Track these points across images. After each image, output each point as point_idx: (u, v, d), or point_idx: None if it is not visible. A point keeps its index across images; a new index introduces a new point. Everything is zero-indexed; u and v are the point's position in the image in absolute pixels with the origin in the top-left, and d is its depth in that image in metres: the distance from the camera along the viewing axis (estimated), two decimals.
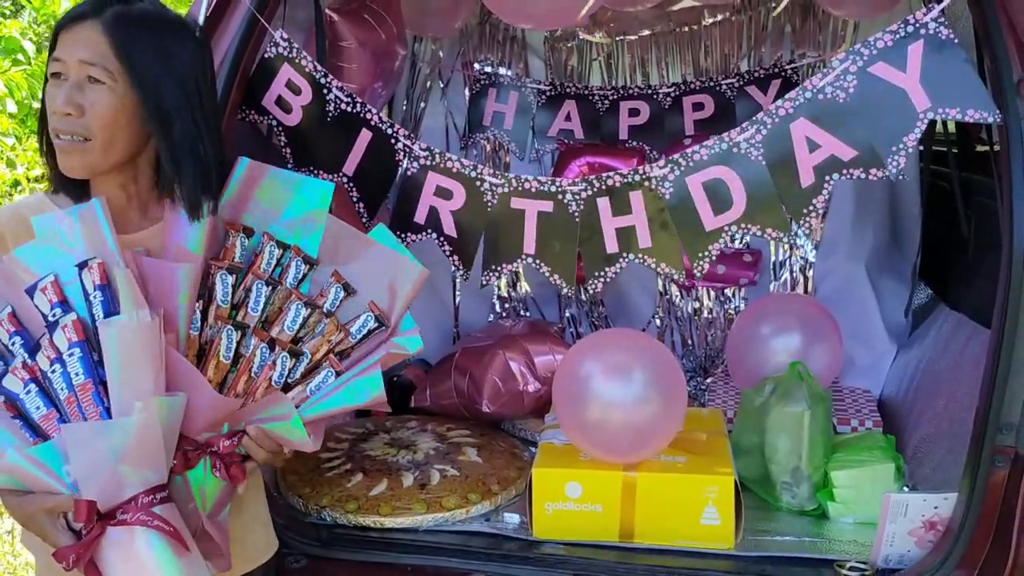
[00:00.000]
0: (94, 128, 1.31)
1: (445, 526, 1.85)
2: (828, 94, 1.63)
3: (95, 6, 1.33)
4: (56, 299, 1.28)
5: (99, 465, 1.20)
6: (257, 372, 1.36)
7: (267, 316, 1.43)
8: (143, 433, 1.20)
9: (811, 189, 1.67)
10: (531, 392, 2.29)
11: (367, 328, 1.43)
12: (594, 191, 1.77)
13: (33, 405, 1.25)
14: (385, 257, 1.48)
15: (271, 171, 1.51)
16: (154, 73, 1.33)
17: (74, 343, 1.25)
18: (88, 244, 1.30)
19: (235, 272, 1.40)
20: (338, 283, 1.46)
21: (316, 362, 1.40)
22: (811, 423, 1.90)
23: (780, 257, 2.68)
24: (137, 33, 1.33)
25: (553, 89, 2.83)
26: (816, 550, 1.76)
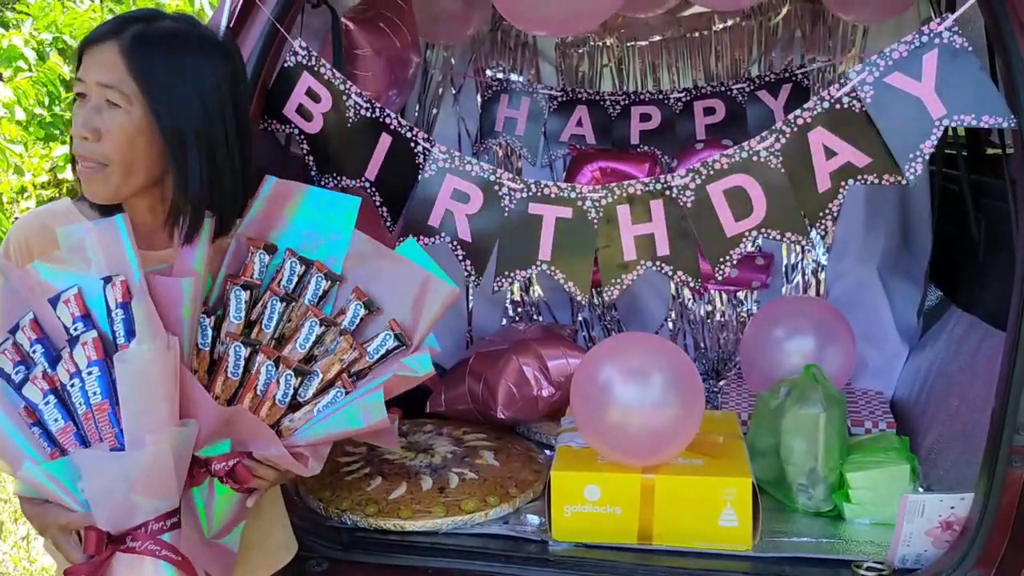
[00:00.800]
0: (111, 153, 1.29)
1: (464, 529, 1.87)
2: (845, 104, 1.66)
3: (116, 26, 1.30)
4: (79, 312, 1.27)
5: (111, 492, 1.20)
6: (263, 390, 1.33)
7: (283, 333, 1.40)
8: (154, 465, 1.19)
9: (827, 194, 1.71)
10: (545, 397, 2.31)
11: (385, 347, 1.39)
12: (614, 198, 1.79)
13: (51, 417, 1.25)
14: (412, 274, 1.42)
15: (299, 188, 1.48)
16: (171, 96, 1.29)
17: (93, 361, 1.24)
18: (109, 260, 1.29)
19: (251, 288, 1.38)
20: (359, 300, 1.42)
21: (328, 381, 1.37)
22: (827, 425, 1.92)
23: (792, 260, 2.70)
24: (156, 54, 1.29)
25: (564, 95, 2.85)
26: (833, 551, 1.78)
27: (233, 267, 1.42)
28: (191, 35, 1.33)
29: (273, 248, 1.43)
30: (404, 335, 1.39)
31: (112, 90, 1.28)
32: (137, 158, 1.30)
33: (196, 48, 1.32)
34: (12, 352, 1.29)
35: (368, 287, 1.43)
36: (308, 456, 1.33)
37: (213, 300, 1.39)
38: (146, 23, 1.31)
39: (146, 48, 1.28)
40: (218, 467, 1.28)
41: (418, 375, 1.36)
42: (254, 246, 1.42)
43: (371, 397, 1.32)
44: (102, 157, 1.29)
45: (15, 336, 1.30)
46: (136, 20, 1.31)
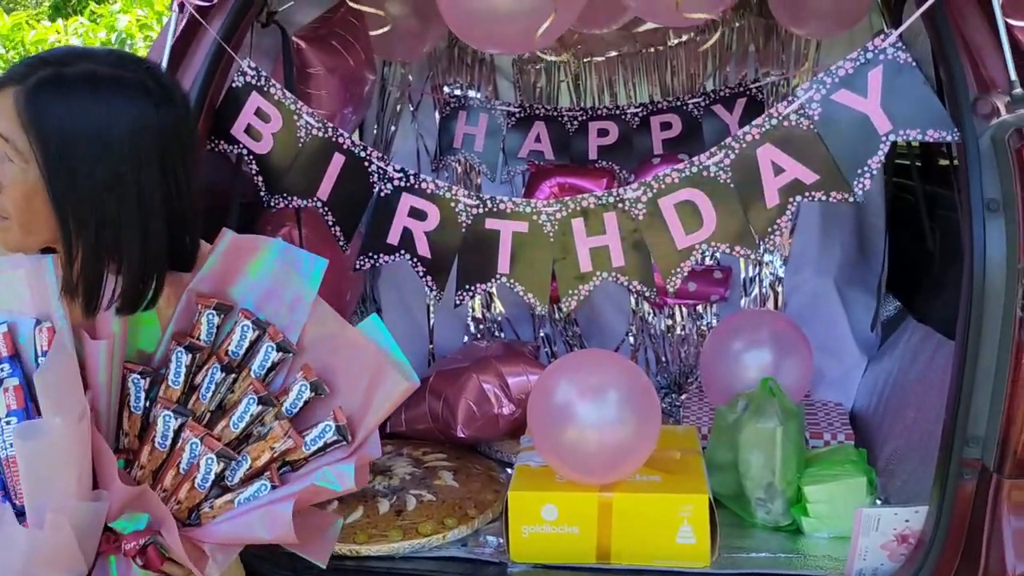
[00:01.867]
0: (9, 207, 1.14)
1: (422, 552, 1.84)
2: (793, 121, 1.67)
3: (25, 69, 1.14)
4: (6, 352, 1.19)
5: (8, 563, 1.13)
6: (185, 468, 1.23)
7: (224, 404, 1.29)
8: (54, 542, 1.12)
9: (775, 210, 1.72)
10: (506, 415, 2.29)
11: (323, 440, 1.25)
12: (569, 212, 1.80)
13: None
14: (370, 359, 1.27)
15: (264, 242, 1.34)
16: (67, 159, 1.11)
17: (13, 410, 1.16)
18: (38, 302, 1.19)
19: (194, 351, 1.26)
20: (306, 380, 1.27)
21: (258, 469, 1.25)
22: (783, 439, 1.92)
23: (750, 273, 2.71)
24: (56, 109, 1.10)
25: (522, 111, 2.85)
26: (791, 566, 1.78)
27: (181, 324, 1.30)
28: (109, 83, 1.14)
29: (226, 308, 1.31)
30: (347, 427, 1.25)
31: (8, 144, 1.12)
32: (35, 216, 1.15)
33: (109, 99, 1.13)
34: None
35: (322, 362, 1.30)
36: (208, 557, 1.21)
37: (159, 357, 1.29)
38: (58, 67, 1.13)
39: (46, 101, 1.11)
40: (128, 546, 1.19)
41: (337, 489, 1.21)
42: (204, 304, 1.29)
43: (280, 507, 1.18)
44: (1, 210, 1.15)
45: None
46: (47, 64, 1.14)
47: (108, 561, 1.21)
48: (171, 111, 1.18)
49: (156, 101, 1.16)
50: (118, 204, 1.15)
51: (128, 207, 1.15)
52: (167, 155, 1.18)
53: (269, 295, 1.33)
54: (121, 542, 1.20)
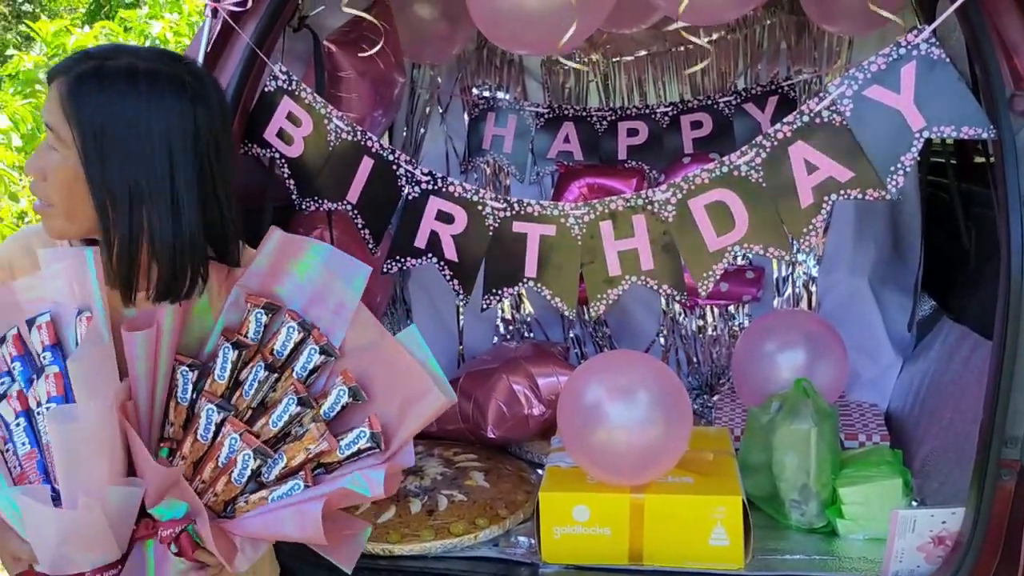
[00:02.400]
0: (53, 195, 1.22)
1: (454, 552, 1.85)
2: (825, 118, 1.65)
3: (70, 63, 1.21)
4: (49, 341, 1.24)
5: (45, 541, 1.18)
6: (224, 462, 1.27)
7: (265, 402, 1.34)
8: (87, 524, 1.16)
9: (810, 209, 1.70)
10: (536, 415, 2.29)
11: (357, 446, 1.28)
12: (597, 215, 1.79)
13: (20, 440, 1.23)
14: (409, 372, 1.30)
15: (309, 244, 1.39)
16: (106, 148, 1.17)
17: (54, 397, 1.21)
18: (78, 292, 1.25)
19: (241, 348, 1.31)
20: (345, 385, 1.31)
21: (293, 469, 1.28)
22: (818, 440, 1.90)
23: (783, 273, 2.69)
24: (96, 99, 1.17)
25: (551, 111, 2.85)
26: (826, 568, 1.76)
27: (230, 320, 1.35)
28: (148, 76, 1.20)
29: (274, 308, 1.35)
30: (381, 436, 1.28)
31: (52, 132, 1.21)
32: (77, 203, 1.21)
33: (148, 92, 1.19)
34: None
35: (361, 370, 1.33)
36: (238, 550, 1.25)
37: (208, 351, 1.34)
38: (101, 60, 1.20)
39: (87, 92, 1.18)
40: (164, 532, 1.23)
41: (367, 495, 1.24)
42: (253, 303, 1.34)
43: (310, 507, 1.21)
44: (46, 197, 1.24)
45: (1, 348, 1.28)
46: (91, 58, 1.21)
47: (145, 546, 1.25)
48: (206, 106, 1.24)
49: (192, 96, 1.22)
50: (150, 192, 1.20)
51: (160, 195, 1.20)
52: (200, 147, 1.23)
53: (314, 299, 1.37)
54: (159, 528, 1.23)
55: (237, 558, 1.24)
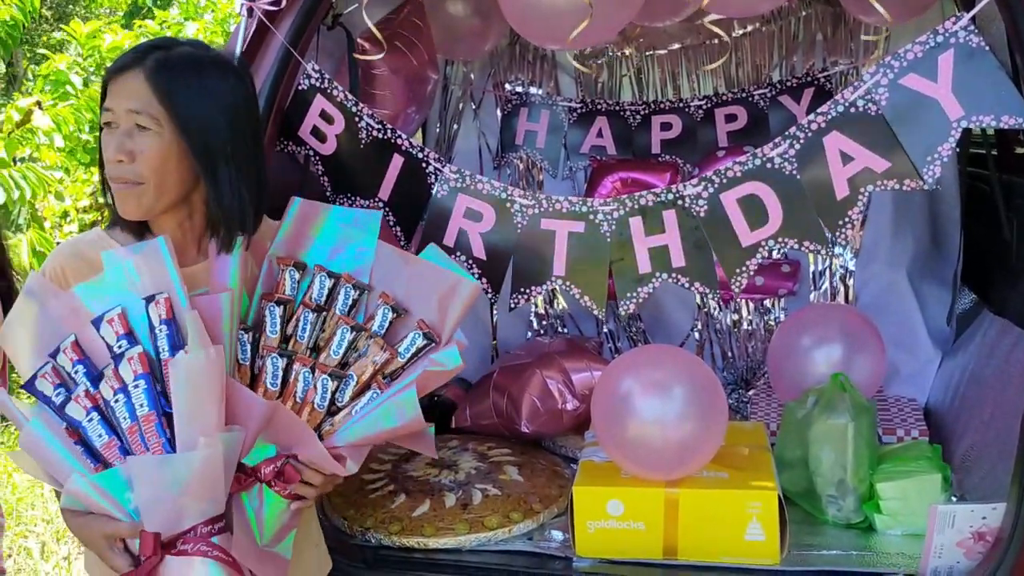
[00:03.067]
0: (145, 172, 1.35)
1: (488, 546, 1.86)
2: (860, 107, 1.63)
3: (138, 55, 1.37)
4: (122, 331, 1.33)
5: (161, 496, 1.24)
6: (301, 397, 1.38)
7: (318, 343, 1.45)
8: (205, 467, 1.24)
9: (846, 201, 1.68)
10: (570, 410, 2.29)
11: (415, 346, 1.44)
12: (626, 211, 1.78)
13: (95, 433, 1.30)
14: (436, 275, 1.48)
15: (324, 208, 1.55)
16: (198, 115, 1.36)
17: (139, 375, 1.29)
18: (151, 280, 1.34)
19: (284, 304, 1.44)
20: (386, 304, 1.47)
21: (364, 384, 1.41)
22: (855, 435, 1.88)
23: (819, 267, 2.66)
24: (179, 77, 1.35)
25: (584, 106, 2.84)
26: (863, 564, 1.74)
27: (267, 286, 1.48)
28: (207, 58, 1.41)
29: (302, 265, 1.49)
30: (432, 333, 1.44)
31: (141, 115, 1.34)
32: (169, 176, 1.36)
33: (213, 70, 1.40)
34: (52, 376, 1.35)
35: (395, 292, 1.49)
36: (346, 457, 1.37)
37: (252, 319, 1.45)
38: (165, 50, 1.38)
39: (169, 72, 1.35)
40: (267, 470, 1.34)
41: (447, 369, 1.41)
42: (284, 264, 1.48)
43: (404, 395, 1.36)
44: (136, 176, 1.35)
45: (56, 359, 1.35)
46: (156, 48, 1.38)
47: (241, 498, 1.33)
48: (248, 84, 1.48)
49: (237, 74, 1.44)
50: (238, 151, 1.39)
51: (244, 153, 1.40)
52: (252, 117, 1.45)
53: (335, 252, 1.52)
54: (254, 475, 1.33)
55: (347, 463, 1.37)
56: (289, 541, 1.39)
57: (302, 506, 1.38)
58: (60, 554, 3.42)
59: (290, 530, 1.39)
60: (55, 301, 1.37)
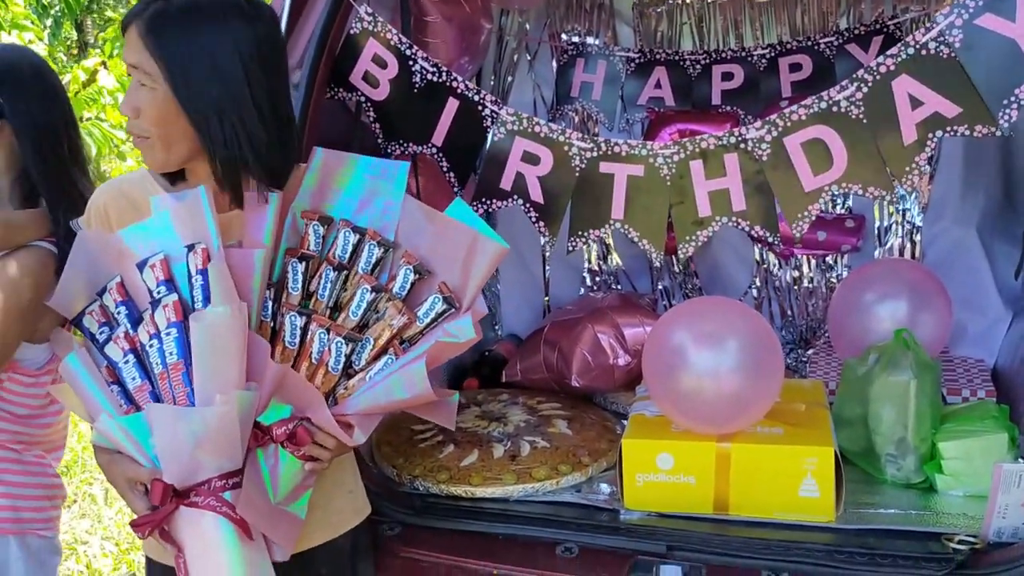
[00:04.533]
0: (148, 127, 1.34)
1: (535, 497, 1.84)
2: (932, 49, 1.55)
3: (142, 6, 1.34)
4: (163, 277, 1.33)
5: (178, 447, 1.24)
6: (317, 358, 1.36)
7: (339, 302, 1.42)
8: (221, 424, 1.24)
9: (913, 146, 1.61)
10: (621, 366, 2.26)
11: (435, 311, 1.40)
12: (687, 154, 1.74)
13: (129, 375, 1.31)
14: (460, 234, 1.42)
15: (349, 158, 1.51)
16: (188, 72, 1.31)
17: (172, 323, 1.29)
18: (192, 229, 1.34)
19: (307, 260, 1.41)
20: (408, 264, 1.43)
21: (381, 348, 1.38)
22: (918, 392, 1.82)
23: (885, 222, 2.57)
24: (172, 32, 1.30)
25: (642, 56, 2.77)
26: (923, 523, 1.68)
27: (291, 241, 1.45)
28: (208, 6, 1.34)
29: (328, 219, 1.45)
30: (453, 297, 1.40)
31: (138, 71, 1.32)
32: (172, 131, 1.34)
33: (213, 19, 1.33)
34: (99, 314, 1.37)
35: (418, 249, 1.45)
36: (354, 426, 1.34)
37: (277, 274, 1.43)
38: (166, 1, 1.33)
39: (162, 27, 1.31)
40: (279, 431, 1.31)
41: (459, 341, 1.36)
42: (308, 218, 1.44)
43: (414, 367, 1.32)
44: (142, 131, 1.35)
45: (102, 298, 1.37)
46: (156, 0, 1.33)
47: (256, 455, 1.33)
48: (260, 25, 1.37)
49: (250, 17, 1.35)
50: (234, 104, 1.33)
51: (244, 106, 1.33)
52: (265, 59, 1.36)
53: (363, 205, 1.48)
54: (269, 432, 1.31)
55: (355, 433, 1.35)
56: (303, 501, 1.38)
57: (317, 468, 1.36)
58: (123, 500, 3.52)
59: (305, 490, 1.38)
60: (102, 241, 1.39)
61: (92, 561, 3.18)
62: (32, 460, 1.70)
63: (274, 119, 1.37)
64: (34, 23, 4.95)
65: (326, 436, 1.34)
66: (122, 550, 3.29)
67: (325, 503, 1.50)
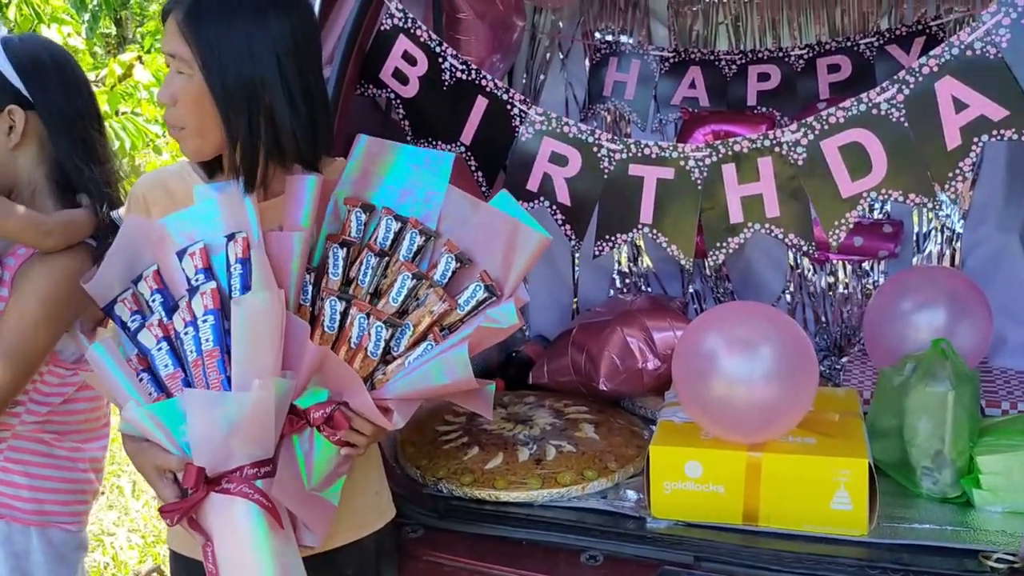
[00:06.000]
0: (184, 116, 1.36)
1: (560, 502, 1.82)
2: (977, 50, 1.50)
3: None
4: (201, 265, 1.34)
5: (212, 434, 1.24)
6: (356, 342, 1.36)
7: (379, 288, 1.42)
8: (256, 410, 1.24)
9: (957, 151, 1.55)
10: (650, 370, 2.22)
11: (476, 299, 1.39)
12: (719, 157, 1.69)
13: (162, 363, 1.32)
14: (502, 223, 1.42)
15: (392, 146, 1.50)
16: (222, 62, 1.32)
17: (210, 310, 1.30)
18: (233, 219, 1.35)
19: (348, 246, 1.41)
20: (450, 252, 1.42)
21: (421, 334, 1.38)
22: (955, 404, 1.76)
23: (924, 228, 2.51)
24: (208, 22, 1.32)
25: (677, 56, 2.73)
26: (959, 539, 1.63)
27: (333, 227, 1.45)
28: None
29: (370, 207, 1.46)
30: (495, 286, 1.39)
31: (175, 59, 1.35)
32: (207, 119, 1.36)
33: (248, 12, 1.34)
34: (131, 302, 1.39)
35: (461, 239, 1.45)
36: (393, 411, 1.34)
37: (317, 259, 1.43)
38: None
39: (199, 17, 1.33)
40: (316, 415, 1.32)
41: (502, 327, 1.36)
42: (351, 205, 1.45)
43: (455, 352, 1.31)
44: (179, 120, 1.37)
45: (136, 286, 1.39)
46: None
47: (292, 441, 1.33)
48: (295, 16, 1.38)
49: (285, 6, 1.37)
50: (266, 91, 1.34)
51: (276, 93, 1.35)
52: (300, 50, 1.37)
53: (405, 194, 1.47)
54: (304, 418, 1.31)
55: (394, 417, 1.34)
56: (337, 487, 1.38)
57: (352, 453, 1.36)
58: (149, 493, 3.54)
59: (339, 476, 1.38)
60: (144, 229, 1.41)
61: (118, 553, 3.20)
62: (63, 454, 1.69)
63: (307, 107, 1.38)
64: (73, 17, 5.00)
65: (363, 422, 1.34)
66: (148, 543, 3.31)
67: (352, 503, 1.49)
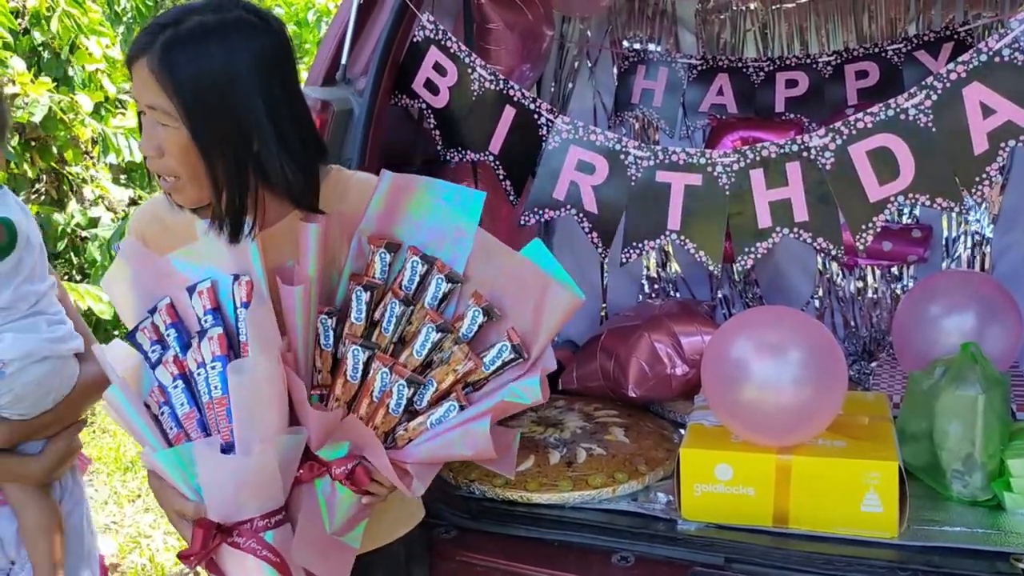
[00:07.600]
0: (175, 167, 1.28)
1: (592, 504, 1.84)
2: (1006, 56, 1.52)
3: (147, 39, 1.25)
4: (210, 305, 1.30)
5: (221, 488, 1.24)
6: (378, 396, 1.32)
7: (404, 336, 1.38)
8: (261, 471, 1.23)
9: (984, 156, 1.57)
10: (679, 375, 2.24)
11: (501, 359, 1.33)
12: (747, 163, 1.71)
13: (178, 401, 1.30)
14: (534, 278, 1.34)
15: (420, 181, 1.42)
16: (204, 108, 1.24)
17: (217, 356, 1.27)
18: (235, 262, 1.31)
19: (372, 289, 1.35)
20: (478, 305, 1.35)
21: (444, 391, 1.34)
22: (986, 408, 1.77)
23: (953, 233, 2.51)
24: (182, 66, 1.22)
25: (705, 63, 2.75)
26: (990, 542, 1.63)
27: (356, 267, 1.40)
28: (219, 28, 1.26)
29: (396, 245, 1.40)
30: (522, 345, 1.33)
31: (156, 111, 1.26)
32: (197, 166, 1.28)
33: (225, 41, 1.25)
34: (151, 331, 1.35)
35: (489, 289, 1.37)
36: (413, 476, 1.32)
37: (340, 300, 1.39)
38: (174, 26, 1.25)
39: (173, 62, 1.23)
40: (338, 471, 1.30)
41: (525, 403, 1.31)
42: (376, 245, 1.38)
43: (477, 425, 1.28)
44: (170, 171, 1.29)
45: (153, 317, 1.35)
46: (164, 27, 1.26)
47: (314, 486, 1.31)
48: (272, 37, 1.30)
49: (260, 31, 1.28)
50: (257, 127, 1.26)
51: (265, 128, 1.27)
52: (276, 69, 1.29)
53: (432, 232, 1.40)
54: (326, 468, 1.30)
55: (413, 484, 1.31)
56: (358, 531, 1.36)
57: (374, 502, 1.33)
58: None
59: (360, 520, 1.36)
60: (148, 264, 1.36)
61: (155, 555, 3.26)
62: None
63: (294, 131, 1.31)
64: (108, 29, 5.10)
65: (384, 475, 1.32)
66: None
67: (381, 508, 1.50)
